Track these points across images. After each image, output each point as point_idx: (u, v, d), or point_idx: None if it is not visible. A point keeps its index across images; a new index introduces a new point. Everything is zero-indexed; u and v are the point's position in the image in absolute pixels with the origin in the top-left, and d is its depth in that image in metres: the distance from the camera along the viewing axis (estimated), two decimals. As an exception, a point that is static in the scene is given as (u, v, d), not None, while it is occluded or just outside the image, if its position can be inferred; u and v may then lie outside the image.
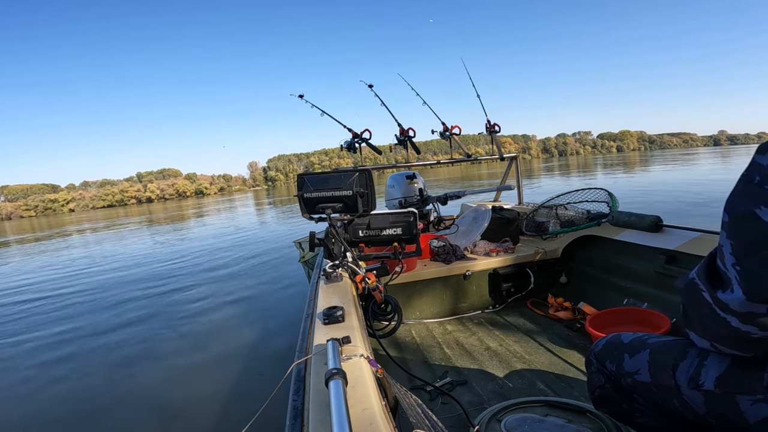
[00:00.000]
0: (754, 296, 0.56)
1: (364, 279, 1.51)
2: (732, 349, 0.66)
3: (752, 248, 0.56)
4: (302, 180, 1.57)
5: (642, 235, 2.06)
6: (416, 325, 2.32)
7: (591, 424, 1.23)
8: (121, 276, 7.08)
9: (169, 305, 4.97)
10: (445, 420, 1.40)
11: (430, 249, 2.52)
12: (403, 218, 1.64)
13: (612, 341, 0.96)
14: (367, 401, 0.71)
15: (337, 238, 1.57)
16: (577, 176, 22.94)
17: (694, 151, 66.11)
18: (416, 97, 3.39)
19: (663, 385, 0.80)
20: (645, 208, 2.41)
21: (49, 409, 2.74)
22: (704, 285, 0.64)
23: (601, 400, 0.98)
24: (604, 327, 1.87)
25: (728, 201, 0.61)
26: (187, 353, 3.45)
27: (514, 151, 3.48)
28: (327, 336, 0.93)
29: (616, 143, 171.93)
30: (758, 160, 0.57)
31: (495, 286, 2.44)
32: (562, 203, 2.64)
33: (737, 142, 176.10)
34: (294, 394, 0.83)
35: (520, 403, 1.37)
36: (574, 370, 1.69)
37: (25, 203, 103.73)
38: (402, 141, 3.14)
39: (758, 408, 0.67)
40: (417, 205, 3.18)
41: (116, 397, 2.79)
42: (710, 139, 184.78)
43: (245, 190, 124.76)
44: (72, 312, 5.14)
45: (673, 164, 26.48)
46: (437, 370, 1.81)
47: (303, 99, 3.35)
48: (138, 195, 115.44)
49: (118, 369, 3.26)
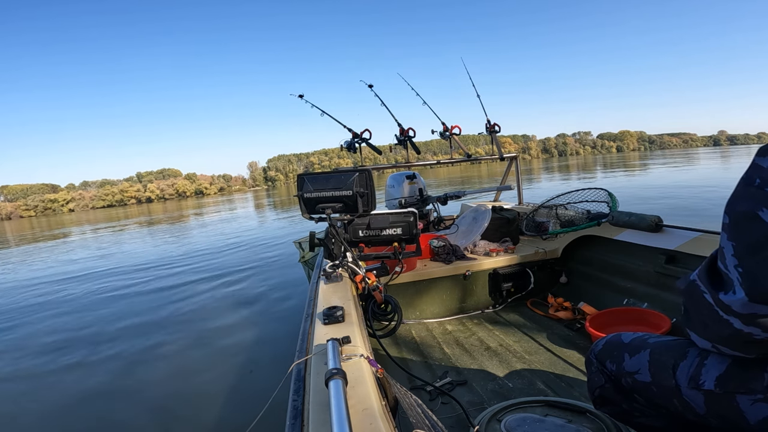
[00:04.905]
0: (757, 297, 0.56)
1: (364, 279, 1.51)
2: (734, 351, 0.66)
3: (754, 250, 0.56)
4: (302, 180, 1.57)
5: (642, 235, 2.06)
6: (416, 325, 2.32)
7: (591, 424, 1.23)
8: (121, 276, 7.07)
9: (169, 305, 4.97)
10: (445, 420, 1.40)
11: (430, 249, 2.52)
12: (403, 218, 1.64)
13: (612, 341, 0.96)
14: (367, 401, 0.71)
15: (337, 238, 1.57)
16: (576, 176, 22.94)
17: (694, 152, 66.10)
18: (416, 97, 3.39)
19: (663, 385, 0.80)
20: (645, 208, 2.41)
21: (48, 409, 2.74)
22: (706, 286, 0.64)
23: (601, 400, 0.98)
24: (604, 327, 1.87)
25: (729, 203, 0.61)
26: (187, 353, 3.45)
27: (514, 152, 3.48)
28: (327, 336, 0.93)
29: (615, 143, 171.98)
30: (759, 162, 0.57)
31: (495, 286, 2.44)
32: (562, 203, 2.64)
33: (737, 142, 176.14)
34: (294, 394, 0.82)
35: (520, 403, 1.37)
36: (574, 370, 1.69)
37: (24, 203, 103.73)
38: (402, 141, 3.14)
39: (758, 408, 0.67)
40: (417, 205, 3.18)
41: (116, 397, 2.79)
42: (710, 140, 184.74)
43: (245, 190, 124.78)
44: (72, 312, 5.14)
45: (674, 165, 26.47)
46: (437, 370, 1.81)
47: (303, 99, 3.35)
48: (138, 195, 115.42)
49: (118, 369, 3.26)
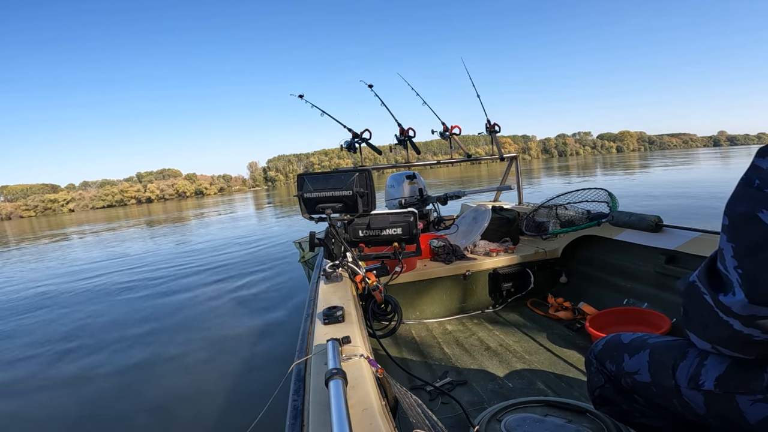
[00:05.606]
0: (756, 299, 0.56)
1: (364, 279, 1.51)
2: (734, 352, 0.66)
3: (754, 251, 0.56)
4: (302, 180, 1.57)
5: (642, 235, 2.06)
6: (416, 325, 2.32)
7: (591, 424, 1.23)
8: (120, 276, 7.07)
9: (169, 305, 4.97)
10: (445, 420, 1.40)
11: (430, 249, 2.52)
12: (403, 218, 1.64)
13: (612, 341, 0.96)
14: (367, 401, 0.70)
15: (337, 238, 1.57)
16: (576, 176, 22.93)
17: (694, 152, 66.08)
18: (416, 97, 3.39)
19: (663, 385, 0.80)
20: (645, 207, 2.41)
21: (48, 409, 2.74)
22: (705, 288, 0.64)
23: (601, 400, 0.98)
24: (604, 327, 1.87)
25: (728, 204, 0.61)
26: (187, 353, 3.44)
27: (514, 152, 3.48)
28: (327, 336, 0.93)
29: (615, 144, 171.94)
30: (758, 163, 0.57)
31: (495, 286, 2.44)
32: (562, 203, 2.64)
33: (737, 142, 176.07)
34: (294, 394, 0.82)
35: (520, 403, 1.37)
36: (574, 370, 1.69)
37: (24, 203, 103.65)
38: (402, 141, 3.14)
39: (758, 408, 0.67)
40: (417, 205, 3.18)
41: (116, 397, 2.78)
42: (710, 140, 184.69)
43: (245, 190, 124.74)
44: (72, 312, 5.13)
45: (674, 165, 26.46)
46: (437, 370, 1.81)
47: (303, 99, 3.35)
48: (138, 195, 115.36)
49: (117, 369, 3.25)
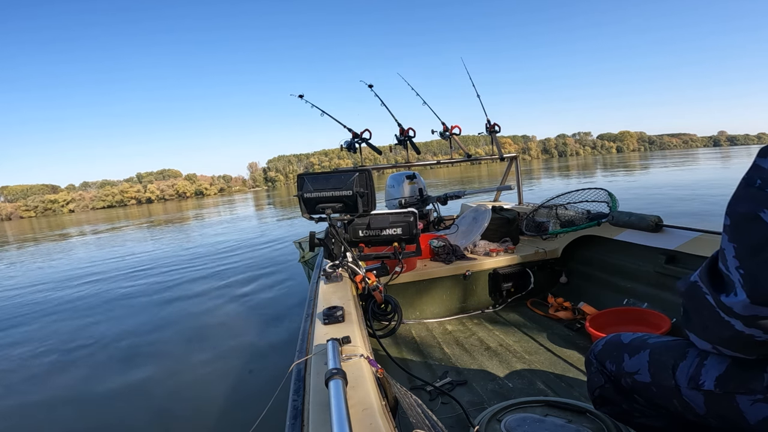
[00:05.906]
0: (758, 299, 0.56)
1: (364, 279, 1.51)
2: (735, 352, 0.66)
3: (755, 251, 0.56)
4: (302, 180, 1.57)
5: (642, 235, 2.06)
6: (416, 325, 2.32)
7: (591, 424, 1.23)
8: (119, 276, 7.07)
9: (169, 306, 4.96)
10: (445, 420, 1.40)
11: (430, 249, 2.52)
12: (403, 218, 1.64)
13: (612, 341, 0.96)
14: (367, 401, 0.70)
15: (337, 238, 1.57)
16: (577, 176, 22.93)
17: (694, 152, 66.08)
18: (416, 97, 3.39)
19: (663, 385, 0.80)
20: (645, 208, 2.41)
21: (48, 409, 2.74)
22: (707, 288, 0.64)
23: (601, 400, 0.98)
24: (604, 327, 1.87)
25: (730, 204, 0.61)
26: (187, 353, 3.44)
27: (514, 152, 3.48)
28: (327, 336, 0.93)
29: (615, 144, 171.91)
30: (760, 163, 0.57)
31: (495, 286, 2.44)
32: (562, 203, 2.64)
33: (737, 142, 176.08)
34: (294, 394, 0.82)
35: (520, 403, 1.37)
36: (574, 370, 1.69)
37: (24, 204, 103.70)
38: (402, 141, 3.14)
39: (758, 408, 0.67)
40: (417, 205, 3.18)
41: (116, 398, 2.78)
42: (710, 140, 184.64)
43: (245, 190, 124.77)
44: (71, 311, 5.13)
45: (674, 165, 26.46)
46: (437, 370, 1.81)
47: (303, 99, 3.35)
48: (138, 196, 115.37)
49: (117, 369, 3.25)
